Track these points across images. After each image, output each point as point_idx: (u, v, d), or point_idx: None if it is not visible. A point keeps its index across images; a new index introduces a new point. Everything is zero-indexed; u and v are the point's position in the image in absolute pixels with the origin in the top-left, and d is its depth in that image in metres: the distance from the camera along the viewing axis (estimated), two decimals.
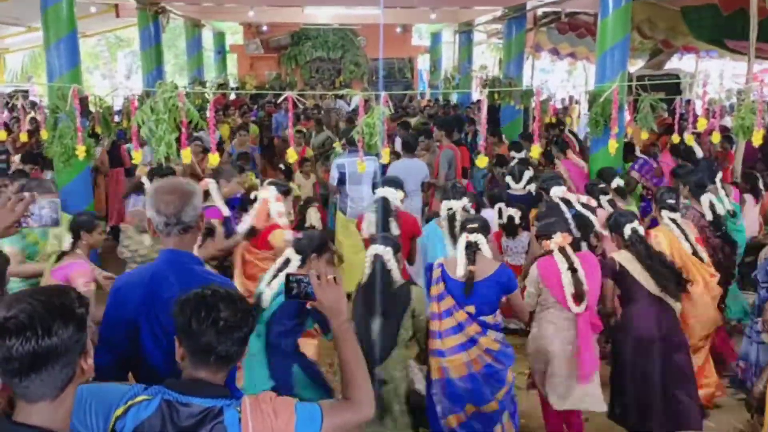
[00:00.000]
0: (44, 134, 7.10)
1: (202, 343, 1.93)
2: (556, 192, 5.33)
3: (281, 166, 7.36)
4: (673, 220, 4.85)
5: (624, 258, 4.27)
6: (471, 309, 3.88)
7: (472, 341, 3.89)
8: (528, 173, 6.43)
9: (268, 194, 4.90)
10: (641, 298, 4.23)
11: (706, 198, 5.44)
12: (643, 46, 13.50)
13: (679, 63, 15.74)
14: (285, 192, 5.21)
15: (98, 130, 8.23)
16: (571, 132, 10.70)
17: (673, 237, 4.76)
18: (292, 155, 5.60)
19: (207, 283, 2.56)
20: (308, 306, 2.22)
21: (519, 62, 12.47)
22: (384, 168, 6.85)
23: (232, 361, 1.99)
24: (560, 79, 26.21)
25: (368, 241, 4.78)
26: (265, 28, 19.15)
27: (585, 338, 4.01)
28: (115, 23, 16.39)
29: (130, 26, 15.29)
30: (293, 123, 6.10)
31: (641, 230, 4.35)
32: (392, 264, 3.78)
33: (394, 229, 5.04)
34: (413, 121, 12.40)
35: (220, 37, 19.64)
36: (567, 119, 13.58)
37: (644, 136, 7.83)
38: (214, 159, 5.22)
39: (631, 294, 4.28)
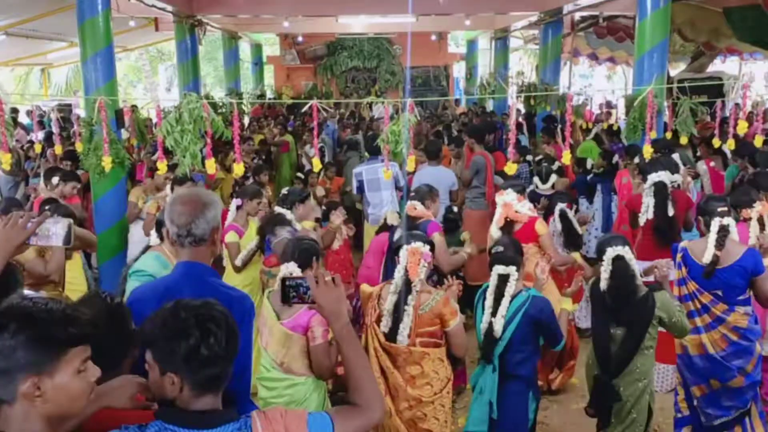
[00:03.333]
0: (79, 146, 7.21)
1: (214, 370, 1.81)
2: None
3: (299, 175, 7.39)
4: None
5: None
6: (718, 292, 3.99)
7: (719, 320, 4.00)
8: (554, 175, 6.67)
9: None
10: None
11: None
12: (685, 48, 13.18)
13: (723, 66, 15.31)
14: (303, 198, 5.25)
15: (134, 142, 8.35)
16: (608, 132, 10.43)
17: None
18: (317, 164, 5.57)
19: (222, 295, 2.53)
20: (308, 309, 2.15)
21: (556, 67, 12.30)
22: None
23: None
24: (599, 84, 25.78)
25: None
26: (300, 38, 19.28)
27: None
28: (154, 37, 16.68)
29: (170, 39, 15.54)
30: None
31: None
32: (633, 267, 3.67)
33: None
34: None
35: (257, 48, 19.86)
36: (604, 125, 13.28)
37: (684, 140, 7.60)
38: (239, 169, 5.22)
39: None
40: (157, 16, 12.98)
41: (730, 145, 6.90)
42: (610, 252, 3.66)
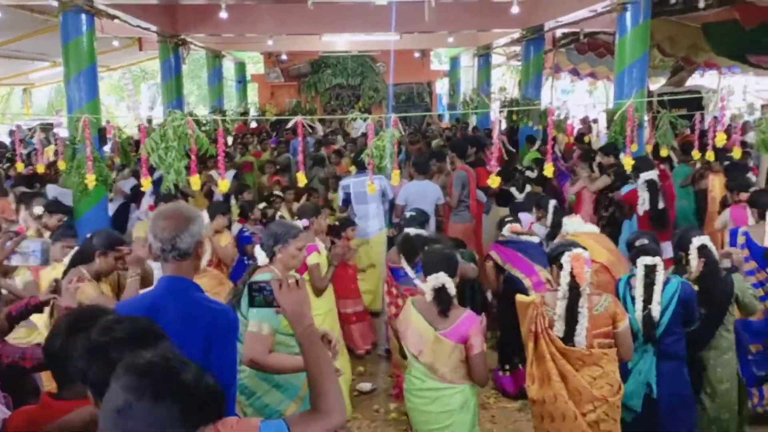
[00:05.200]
0: (61, 165, 7.18)
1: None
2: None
3: (277, 193, 7.49)
4: None
5: None
6: None
7: None
8: (528, 186, 7.44)
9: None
10: None
11: None
12: (664, 63, 13.36)
13: (702, 80, 15.54)
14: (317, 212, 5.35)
15: (117, 160, 8.33)
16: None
17: None
18: (302, 179, 5.58)
19: (205, 309, 2.53)
20: (276, 312, 2.15)
21: (538, 83, 12.41)
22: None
23: None
24: (581, 99, 26.04)
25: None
26: (284, 57, 19.36)
27: None
28: (138, 56, 16.67)
29: (153, 59, 15.55)
30: (316, 148, 6.12)
31: None
32: (715, 253, 4.28)
33: None
34: (432, 144, 12.38)
35: (241, 66, 19.90)
36: (585, 139, 13.40)
37: (664, 153, 7.71)
38: (224, 185, 5.22)
39: None
40: (141, 36, 12.98)
41: (709, 157, 7.00)
42: (696, 242, 4.24)
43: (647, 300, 3.98)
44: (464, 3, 9.89)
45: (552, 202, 6.02)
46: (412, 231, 5.02)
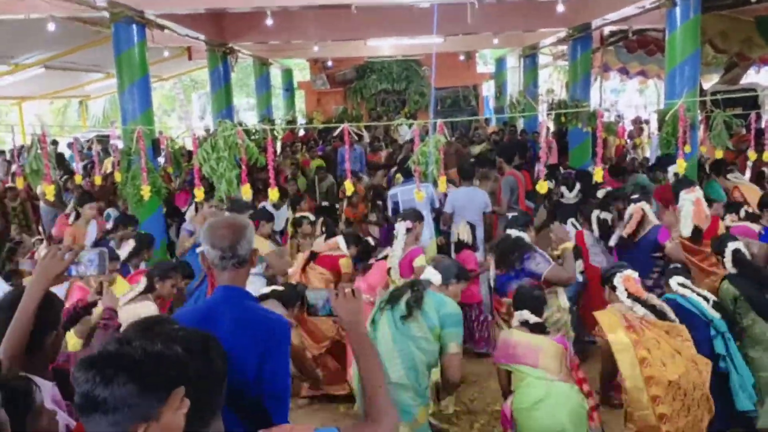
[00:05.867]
0: (118, 176, 7.38)
1: (218, 389, 1.82)
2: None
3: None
4: None
5: None
6: None
7: None
8: (578, 185, 6.91)
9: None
10: None
11: None
12: (717, 60, 13.00)
13: (757, 77, 15.06)
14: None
15: (170, 170, 8.52)
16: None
17: None
18: (349, 188, 5.63)
19: (260, 318, 2.58)
20: (333, 322, 2.21)
21: (586, 84, 12.23)
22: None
23: None
24: (631, 98, 25.53)
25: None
26: (330, 63, 19.51)
27: None
28: (188, 66, 17.07)
29: (203, 68, 15.88)
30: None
31: None
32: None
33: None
34: (479, 148, 12.32)
35: (287, 74, 20.16)
36: (636, 140, 13.15)
37: (719, 154, 7.50)
38: (273, 194, 5.30)
39: None
40: (190, 45, 13.28)
41: (765, 158, 6.78)
42: (731, 246, 4.47)
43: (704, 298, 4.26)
44: (508, 3, 9.83)
45: (596, 213, 5.86)
46: (513, 232, 4.99)
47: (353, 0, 7.99)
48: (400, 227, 5.28)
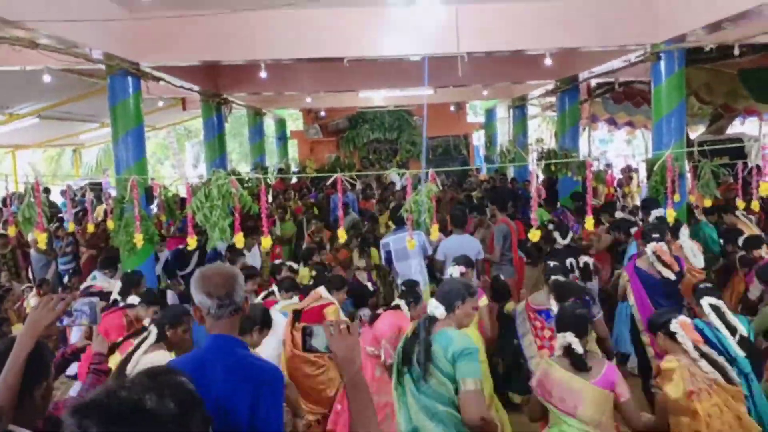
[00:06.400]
0: (110, 224, 7.39)
1: None
2: None
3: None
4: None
5: None
6: None
7: None
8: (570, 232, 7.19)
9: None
10: None
11: None
12: (703, 111, 13.28)
13: (743, 127, 15.35)
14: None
15: (163, 218, 8.54)
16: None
17: None
18: (342, 235, 5.65)
19: (253, 367, 2.56)
20: (328, 357, 2.19)
21: (574, 134, 12.42)
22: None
23: None
24: (619, 148, 25.88)
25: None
26: (323, 113, 19.77)
27: None
28: (182, 116, 17.24)
29: (196, 118, 16.04)
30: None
31: None
32: None
33: None
34: (472, 195, 12.41)
35: (281, 123, 20.38)
36: (626, 189, 13.29)
37: (707, 203, 7.59)
38: (266, 242, 5.31)
39: None
40: (185, 96, 13.45)
41: (754, 207, 6.88)
42: None
43: (732, 330, 4.17)
44: (497, 56, 10.05)
45: (583, 259, 6.19)
46: (560, 278, 5.13)
47: (345, 53, 8.17)
48: (454, 272, 5.31)
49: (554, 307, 4.88)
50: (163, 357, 3.88)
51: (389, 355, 5.07)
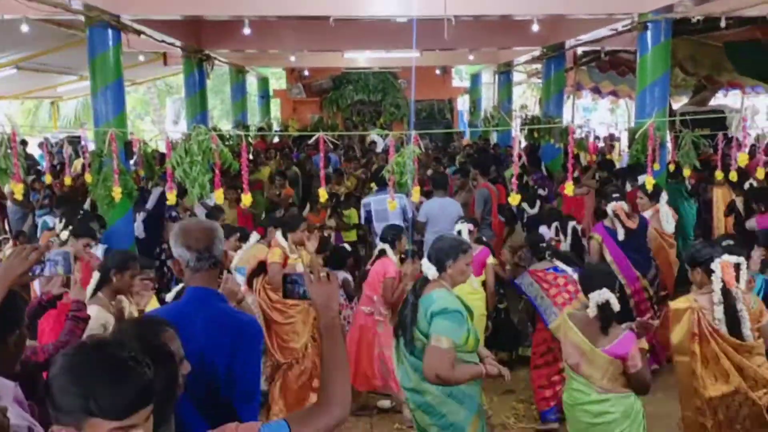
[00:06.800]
0: (88, 178, 7.31)
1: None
2: None
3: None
4: None
5: None
6: None
7: None
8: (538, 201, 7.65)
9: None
10: None
11: None
12: (687, 83, 13.29)
13: (725, 99, 15.43)
14: None
15: (141, 173, 8.45)
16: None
17: None
18: (323, 195, 5.65)
19: (231, 319, 2.59)
20: (307, 304, 2.23)
21: (559, 101, 12.42)
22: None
23: None
24: (603, 117, 25.96)
25: None
26: (307, 72, 19.55)
27: None
28: (163, 71, 16.95)
29: (178, 74, 15.79)
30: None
31: None
32: None
33: None
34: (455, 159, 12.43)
35: (264, 82, 20.13)
36: (608, 156, 13.35)
37: (686, 172, 7.68)
38: (246, 199, 5.30)
39: None
40: (166, 50, 13.20)
41: (732, 177, 6.98)
42: None
43: None
44: (484, 21, 9.97)
45: (571, 224, 6.16)
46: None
47: (331, 12, 8.04)
48: (463, 229, 5.40)
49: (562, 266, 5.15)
50: (95, 313, 3.68)
51: (379, 312, 5.19)
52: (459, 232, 5.36)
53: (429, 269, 3.54)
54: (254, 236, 5.48)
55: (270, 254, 5.10)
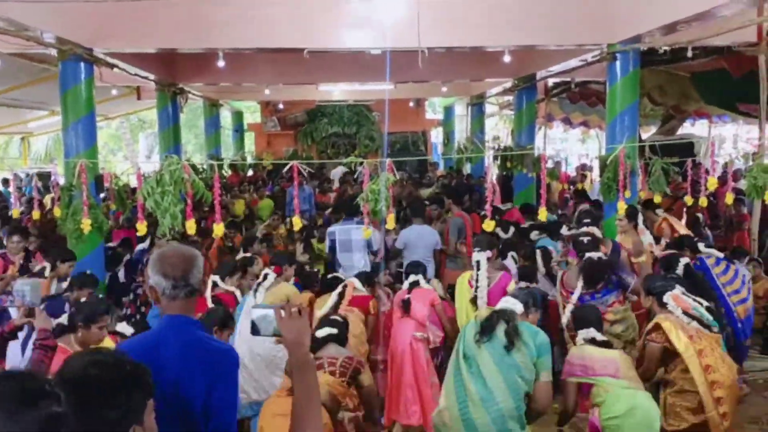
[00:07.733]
0: (57, 211, 7.18)
1: None
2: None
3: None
4: None
5: None
6: None
7: None
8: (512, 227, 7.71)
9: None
10: None
11: None
12: (655, 112, 13.57)
13: (692, 129, 15.77)
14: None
15: (113, 207, 8.34)
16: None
17: None
18: (297, 223, 5.61)
19: (209, 347, 2.52)
20: (276, 342, 2.12)
21: (531, 132, 12.57)
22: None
23: None
24: (574, 147, 26.36)
25: None
26: (281, 106, 19.60)
27: None
28: (135, 105, 16.89)
29: (151, 108, 15.74)
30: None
31: None
32: None
33: None
34: (428, 191, 12.47)
35: (238, 116, 20.12)
36: (579, 186, 13.52)
37: (657, 199, 7.78)
38: (218, 229, 5.24)
39: None
40: (140, 84, 13.16)
41: (702, 203, 7.08)
42: None
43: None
44: (457, 53, 10.11)
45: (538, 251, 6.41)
46: (594, 255, 5.36)
47: (306, 44, 8.08)
48: (481, 257, 5.34)
49: (578, 291, 5.35)
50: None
51: (433, 337, 5.37)
52: (478, 262, 5.36)
53: (516, 305, 3.96)
54: (272, 274, 5.42)
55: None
